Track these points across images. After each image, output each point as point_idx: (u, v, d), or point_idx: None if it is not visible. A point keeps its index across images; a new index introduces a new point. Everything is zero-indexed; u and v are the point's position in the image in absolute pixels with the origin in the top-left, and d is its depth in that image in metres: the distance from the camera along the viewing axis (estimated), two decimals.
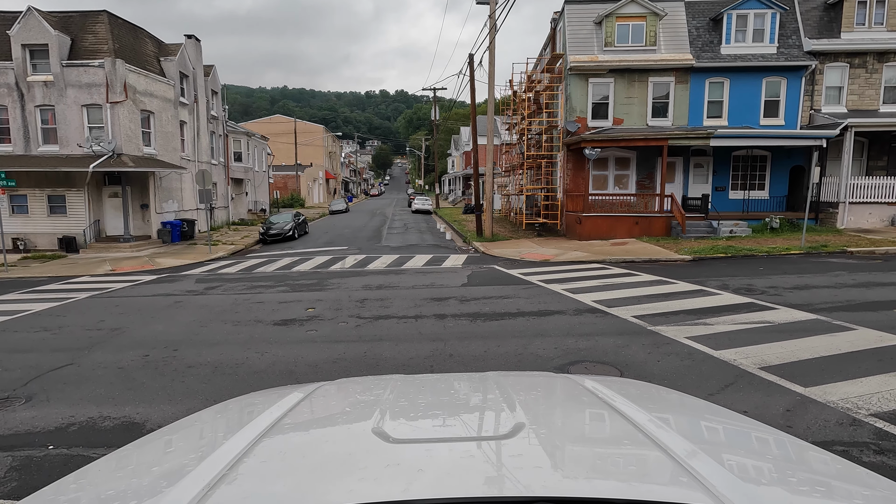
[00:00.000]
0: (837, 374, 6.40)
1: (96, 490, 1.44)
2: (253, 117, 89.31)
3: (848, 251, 15.81)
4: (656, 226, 20.46)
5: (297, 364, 7.60)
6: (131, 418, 5.91)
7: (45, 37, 22.35)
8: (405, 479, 1.25)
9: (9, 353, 8.46)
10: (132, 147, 23.44)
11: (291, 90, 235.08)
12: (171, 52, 27.89)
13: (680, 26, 22.30)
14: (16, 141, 23.02)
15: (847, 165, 20.32)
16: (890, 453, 4.60)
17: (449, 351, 7.88)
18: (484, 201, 24.37)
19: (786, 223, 20.32)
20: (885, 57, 21.85)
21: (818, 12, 22.67)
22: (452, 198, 66.57)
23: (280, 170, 60.80)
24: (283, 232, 26.88)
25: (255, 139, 42.49)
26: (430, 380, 2.31)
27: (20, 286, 15.41)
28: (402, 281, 14.10)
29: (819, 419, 5.30)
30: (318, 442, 1.63)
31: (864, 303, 9.78)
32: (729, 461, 1.42)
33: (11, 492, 4.42)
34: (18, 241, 22.83)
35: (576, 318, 9.47)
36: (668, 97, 22.39)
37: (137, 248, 22.86)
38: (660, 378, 6.52)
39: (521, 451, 1.44)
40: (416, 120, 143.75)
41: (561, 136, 23.79)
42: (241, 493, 1.26)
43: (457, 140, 75.66)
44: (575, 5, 22.75)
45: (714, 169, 22.63)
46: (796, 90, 22.01)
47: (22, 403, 6.45)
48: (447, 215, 40.20)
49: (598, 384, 2.12)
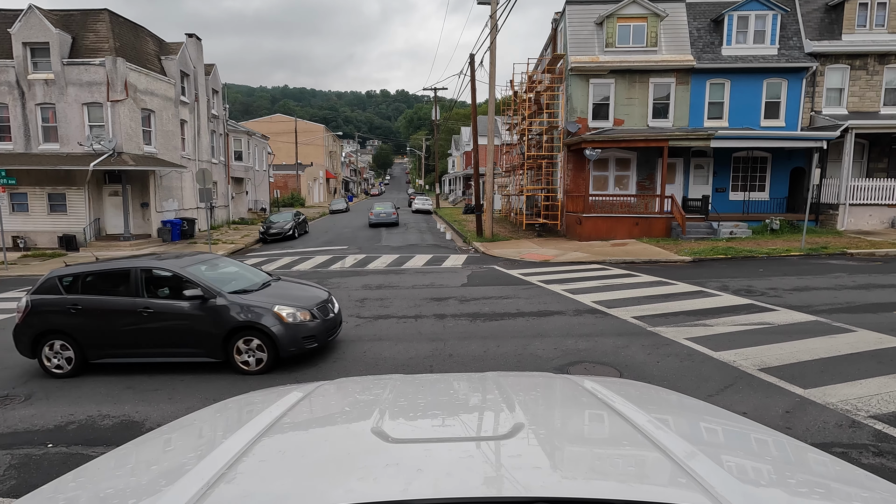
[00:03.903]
0: (837, 376, 6.41)
1: (95, 488, 1.44)
2: (253, 116, 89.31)
3: (848, 253, 15.80)
4: (656, 227, 20.46)
5: (297, 362, 7.61)
6: (130, 417, 5.91)
7: (46, 35, 22.35)
8: (404, 479, 1.26)
9: (9, 352, 8.46)
10: (132, 146, 23.44)
11: (292, 89, 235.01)
12: (172, 51, 27.89)
13: (681, 27, 22.30)
14: (16, 139, 23.02)
15: (847, 167, 20.32)
16: (889, 455, 4.60)
17: (448, 351, 7.88)
18: (484, 201, 24.37)
19: (786, 225, 20.32)
20: (886, 59, 21.84)
21: (819, 14, 22.67)
22: (453, 198, 66.57)
23: (280, 169, 60.79)
24: (283, 231, 26.87)
25: (256, 138, 42.49)
26: (429, 380, 2.31)
27: (20, 284, 15.41)
28: (401, 281, 14.10)
29: (818, 421, 5.30)
30: (318, 441, 1.63)
31: (864, 305, 9.78)
32: (728, 462, 1.42)
33: (10, 490, 4.42)
34: (18, 239, 22.82)
35: (575, 319, 9.47)
36: (669, 98, 22.38)
37: (137, 247, 22.86)
38: (659, 379, 6.52)
39: (521, 452, 1.44)
40: (417, 120, 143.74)
41: (561, 137, 23.79)
42: (240, 492, 1.26)
43: (457, 140, 75.64)
44: (576, 6, 22.75)
45: (714, 170, 22.62)
46: (797, 92, 22.01)
47: (21, 401, 6.45)
48: (447, 215, 40.20)
49: (597, 385, 2.13)
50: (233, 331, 7.15)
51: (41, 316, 7.42)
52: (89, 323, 7.29)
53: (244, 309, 7.21)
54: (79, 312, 7.32)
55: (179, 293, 7.31)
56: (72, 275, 7.62)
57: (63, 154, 22.72)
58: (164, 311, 7.23)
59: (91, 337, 7.31)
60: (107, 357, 7.40)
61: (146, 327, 7.23)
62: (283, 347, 7.12)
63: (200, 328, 7.17)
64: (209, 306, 7.19)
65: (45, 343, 7.41)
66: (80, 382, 7.04)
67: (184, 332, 7.22)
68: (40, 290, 7.62)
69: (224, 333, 7.13)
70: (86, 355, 7.37)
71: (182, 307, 7.21)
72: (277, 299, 7.49)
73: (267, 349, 7.13)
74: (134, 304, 7.26)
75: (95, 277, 7.61)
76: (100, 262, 7.95)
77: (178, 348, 7.27)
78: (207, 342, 7.19)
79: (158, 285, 7.54)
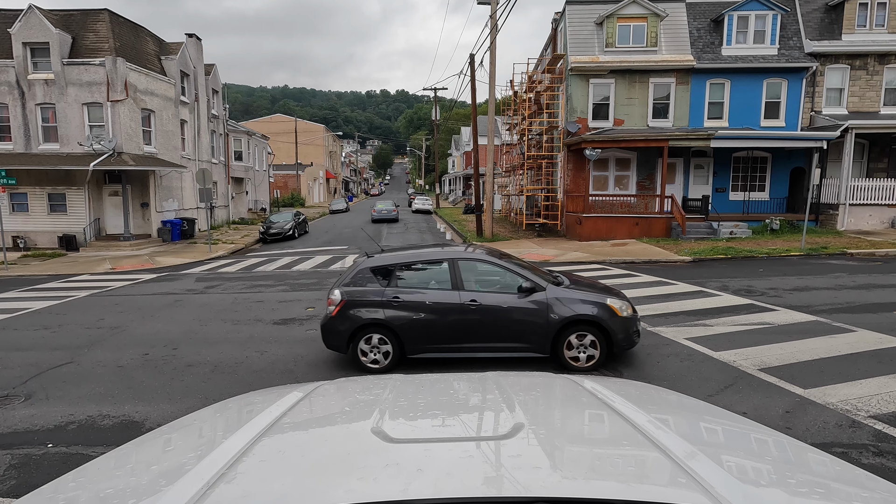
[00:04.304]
0: (837, 376, 6.41)
1: (95, 488, 1.44)
2: (253, 116, 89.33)
3: (848, 253, 15.80)
4: (656, 227, 20.46)
5: (297, 363, 7.61)
6: (130, 417, 5.91)
7: (46, 35, 22.35)
8: (404, 479, 1.26)
9: (8, 351, 8.46)
10: (132, 146, 23.44)
11: (292, 89, 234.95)
12: (172, 51, 27.89)
13: (681, 27, 22.30)
14: (16, 139, 23.02)
15: (847, 167, 20.32)
16: (889, 455, 4.60)
17: None
18: (484, 201, 24.37)
19: (786, 225, 20.32)
20: (886, 59, 21.85)
21: (819, 14, 22.67)
22: (453, 198, 66.57)
23: (280, 169, 60.78)
24: (283, 231, 26.88)
25: (256, 138, 42.49)
26: (429, 380, 2.31)
27: (20, 284, 15.41)
28: None
29: (818, 421, 5.30)
30: (318, 441, 1.63)
31: (864, 305, 9.78)
32: (728, 462, 1.42)
33: (10, 490, 4.42)
34: (18, 239, 22.82)
35: None
36: (669, 98, 22.39)
37: (137, 247, 22.86)
38: (659, 379, 6.52)
39: (521, 452, 1.44)
40: (417, 120, 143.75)
41: (561, 137, 23.79)
42: (240, 492, 1.26)
43: (457, 140, 75.66)
44: (576, 6, 22.75)
45: (714, 170, 22.63)
46: (797, 92, 22.01)
47: (21, 401, 6.45)
48: (447, 215, 40.20)
49: (597, 385, 2.13)
50: (566, 325, 6.81)
51: (358, 309, 7.06)
52: (410, 316, 6.97)
53: (575, 302, 6.87)
54: (400, 305, 7.01)
55: (504, 285, 7.06)
56: (385, 266, 7.28)
57: (63, 154, 22.72)
58: (491, 304, 6.91)
59: (412, 331, 6.97)
60: (426, 352, 7.06)
61: (471, 321, 6.90)
62: (618, 343, 6.83)
63: (529, 322, 6.85)
64: (538, 300, 6.89)
65: (362, 337, 7.06)
66: (80, 381, 7.04)
67: (510, 326, 6.89)
68: (353, 282, 7.23)
69: (556, 328, 6.80)
70: (404, 350, 7.05)
71: (511, 300, 6.91)
72: (600, 293, 7.16)
73: (599, 345, 6.82)
74: (460, 297, 6.96)
75: (411, 269, 7.32)
76: (406, 253, 7.59)
77: (504, 343, 6.95)
78: (536, 336, 6.86)
79: (478, 277, 7.25)
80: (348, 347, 7.18)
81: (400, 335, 6.99)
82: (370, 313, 7.03)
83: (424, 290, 7.12)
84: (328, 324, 7.20)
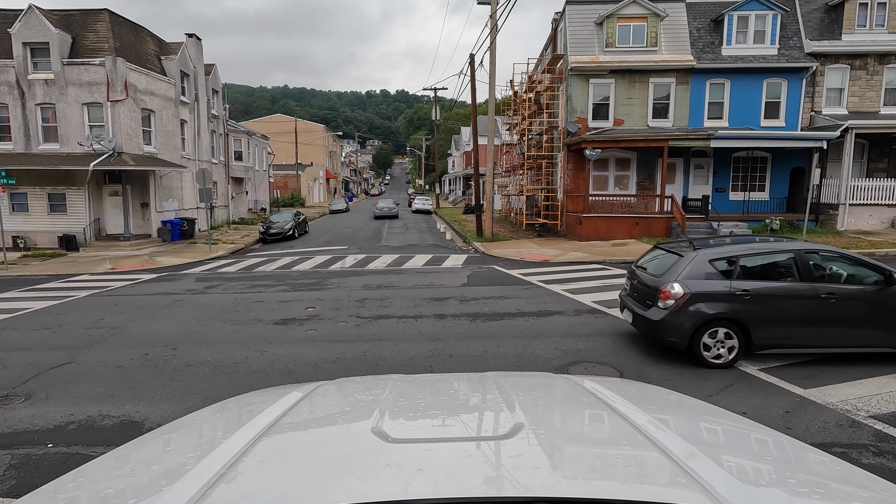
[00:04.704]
0: (837, 376, 6.41)
1: (95, 488, 1.44)
2: (253, 116, 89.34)
3: None
4: (656, 227, 20.46)
5: (297, 363, 7.61)
6: (130, 417, 5.91)
7: (46, 35, 22.34)
8: (404, 479, 1.26)
9: (8, 351, 8.46)
10: (132, 146, 23.44)
11: (292, 89, 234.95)
12: (171, 51, 27.89)
13: (681, 27, 22.30)
14: (16, 139, 23.02)
15: (847, 167, 20.32)
16: (889, 455, 4.60)
17: (448, 351, 7.88)
18: (484, 201, 24.37)
19: (786, 225, 20.32)
20: (886, 59, 21.85)
21: (819, 14, 22.67)
22: (453, 198, 66.57)
23: (280, 169, 60.79)
24: (283, 231, 26.87)
25: (256, 138, 42.49)
26: (429, 380, 2.31)
27: (20, 284, 15.41)
28: (401, 281, 14.10)
29: (818, 421, 5.30)
30: (318, 441, 1.63)
31: None
32: (728, 462, 1.42)
33: (10, 490, 4.42)
34: (18, 239, 22.82)
35: (575, 319, 9.47)
36: (669, 98, 22.39)
37: (137, 247, 22.86)
38: (659, 379, 6.52)
39: (521, 452, 1.44)
40: (417, 120, 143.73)
41: (561, 137, 23.79)
42: (240, 492, 1.26)
43: (457, 140, 75.64)
44: (576, 6, 22.75)
45: (714, 170, 22.63)
46: (797, 92, 22.02)
47: (21, 401, 6.45)
48: (447, 215, 40.20)
49: (597, 385, 2.13)
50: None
51: (703, 303, 6.81)
52: (761, 310, 6.73)
53: None
54: (750, 299, 6.75)
55: (855, 277, 6.89)
56: (728, 258, 7.05)
57: (63, 154, 22.72)
58: (849, 297, 6.70)
59: (764, 325, 6.75)
60: (776, 347, 6.86)
61: (825, 315, 6.70)
62: None
63: (890, 315, 6.70)
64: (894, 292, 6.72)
65: (707, 332, 6.85)
66: (80, 381, 7.04)
67: (867, 320, 6.72)
68: (692, 275, 6.97)
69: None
70: (751, 345, 6.83)
71: (869, 293, 6.73)
72: None
73: None
74: (815, 290, 6.73)
75: (754, 260, 7.09)
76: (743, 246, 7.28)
77: (859, 338, 6.78)
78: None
79: (827, 269, 7.05)
80: (690, 342, 6.92)
81: (750, 330, 6.78)
82: (716, 307, 6.79)
83: (777, 282, 6.90)
84: (668, 318, 6.93)
